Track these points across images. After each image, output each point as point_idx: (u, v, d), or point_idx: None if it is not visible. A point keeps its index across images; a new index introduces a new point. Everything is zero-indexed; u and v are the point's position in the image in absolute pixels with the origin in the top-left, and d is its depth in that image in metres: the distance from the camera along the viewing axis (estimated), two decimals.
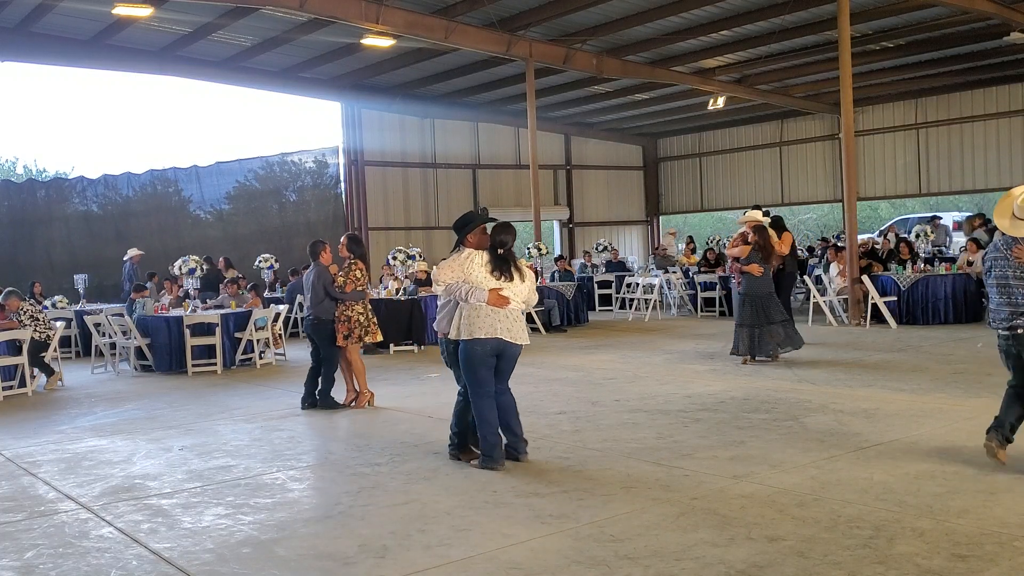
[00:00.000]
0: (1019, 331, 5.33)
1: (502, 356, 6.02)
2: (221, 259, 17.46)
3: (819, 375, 9.45)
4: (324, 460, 6.71)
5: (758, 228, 10.64)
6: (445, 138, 24.29)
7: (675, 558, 4.21)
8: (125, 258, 17.02)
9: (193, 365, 11.87)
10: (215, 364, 11.90)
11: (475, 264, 5.93)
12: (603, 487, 5.47)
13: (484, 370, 5.97)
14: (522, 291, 6.02)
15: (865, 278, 13.95)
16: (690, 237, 23.23)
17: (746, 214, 11.04)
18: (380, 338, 9.01)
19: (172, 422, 8.39)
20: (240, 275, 16.27)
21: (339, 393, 8.86)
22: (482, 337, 5.89)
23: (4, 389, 10.45)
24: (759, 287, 10.39)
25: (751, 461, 5.93)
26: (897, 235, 19.36)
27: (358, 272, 8.60)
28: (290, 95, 22.78)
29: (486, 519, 4.96)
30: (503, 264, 5.94)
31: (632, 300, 17.49)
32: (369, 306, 8.79)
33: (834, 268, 14.98)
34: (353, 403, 8.74)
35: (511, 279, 5.95)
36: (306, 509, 5.39)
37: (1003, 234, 5.42)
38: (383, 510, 5.23)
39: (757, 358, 10.43)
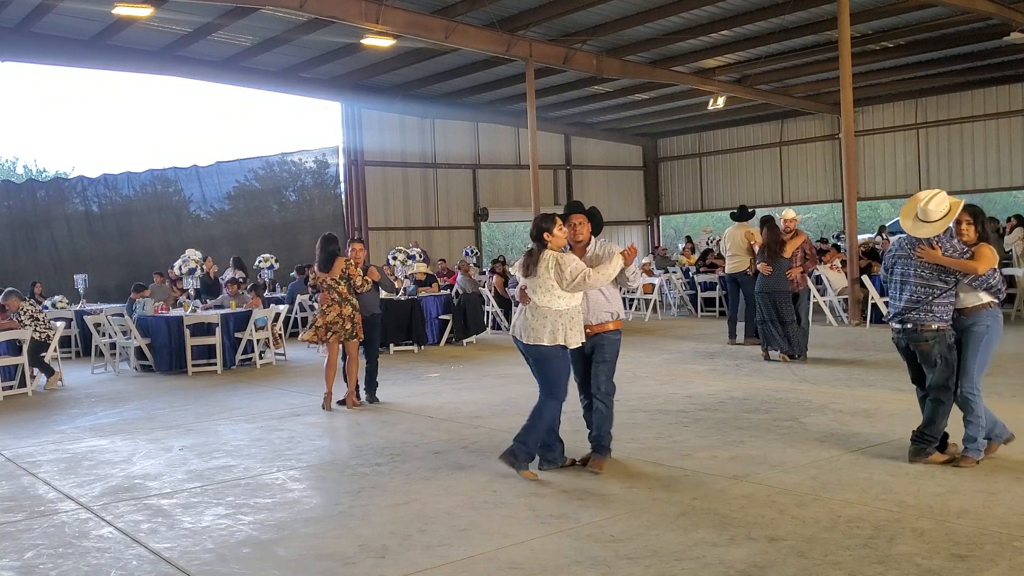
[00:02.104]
0: (908, 325, 5.60)
1: (525, 354, 5.85)
2: (231, 261, 17.44)
3: (819, 375, 9.46)
4: (324, 460, 6.71)
5: (768, 227, 10.80)
6: (445, 138, 24.29)
7: (675, 558, 4.21)
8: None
9: (193, 365, 11.87)
10: (215, 364, 11.90)
11: (519, 262, 5.95)
12: (603, 487, 5.47)
13: (528, 366, 5.96)
14: (540, 284, 5.59)
15: (865, 278, 13.95)
16: (687, 237, 23.23)
17: (785, 212, 11.07)
18: (308, 338, 8.82)
19: (172, 422, 8.39)
20: (243, 276, 16.25)
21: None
22: (510, 333, 5.97)
23: (4, 389, 10.45)
24: (768, 284, 10.52)
25: (751, 461, 5.93)
26: (885, 236, 19.26)
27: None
28: (290, 95, 22.78)
29: (486, 519, 4.96)
30: (527, 258, 5.77)
31: (632, 300, 17.49)
32: (322, 308, 8.66)
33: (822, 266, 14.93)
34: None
35: (527, 274, 5.73)
36: (306, 509, 5.39)
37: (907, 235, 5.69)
38: (383, 510, 5.23)
39: (771, 356, 10.61)
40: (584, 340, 5.77)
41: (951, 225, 5.55)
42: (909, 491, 5.10)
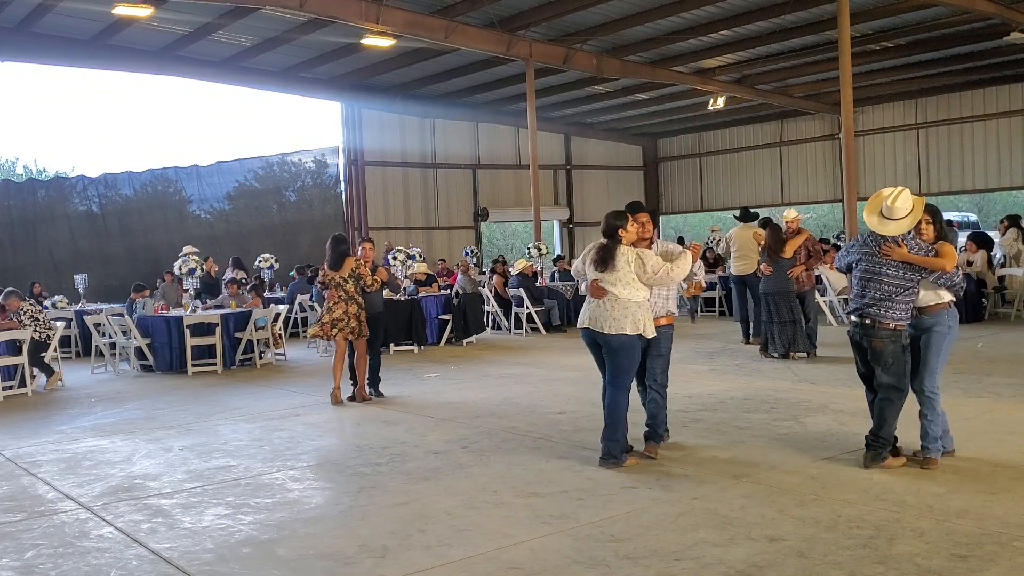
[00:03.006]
0: (866, 321, 5.63)
1: (602, 347, 5.96)
2: (231, 261, 17.43)
3: (819, 375, 9.46)
4: (324, 460, 6.71)
5: (770, 227, 10.86)
6: (445, 138, 24.30)
7: (675, 558, 4.21)
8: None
9: (193, 365, 11.86)
10: (215, 364, 11.90)
11: (587, 257, 6.05)
12: (603, 487, 5.47)
13: (594, 359, 6.11)
14: (620, 278, 5.81)
15: None
16: (680, 238, 23.19)
17: (786, 213, 11.12)
18: (314, 333, 9.22)
19: (172, 422, 8.39)
20: (243, 278, 16.23)
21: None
22: (580, 326, 6.11)
23: (4, 389, 10.45)
24: (770, 285, 10.62)
25: (751, 461, 5.93)
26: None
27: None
28: (290, 95, 22.80)
29: (486, 519, 4.96)
30: (602, 253, 5.93)
31: None
32: (329, 305, 8.96)
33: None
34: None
35: (603, 268, 5.86)
36: (306, 509, 5.39)
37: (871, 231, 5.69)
38: (383, 510, 5.23)
39: (771, 354, 10.70)
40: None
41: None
42: (909, 491, 5.10)
